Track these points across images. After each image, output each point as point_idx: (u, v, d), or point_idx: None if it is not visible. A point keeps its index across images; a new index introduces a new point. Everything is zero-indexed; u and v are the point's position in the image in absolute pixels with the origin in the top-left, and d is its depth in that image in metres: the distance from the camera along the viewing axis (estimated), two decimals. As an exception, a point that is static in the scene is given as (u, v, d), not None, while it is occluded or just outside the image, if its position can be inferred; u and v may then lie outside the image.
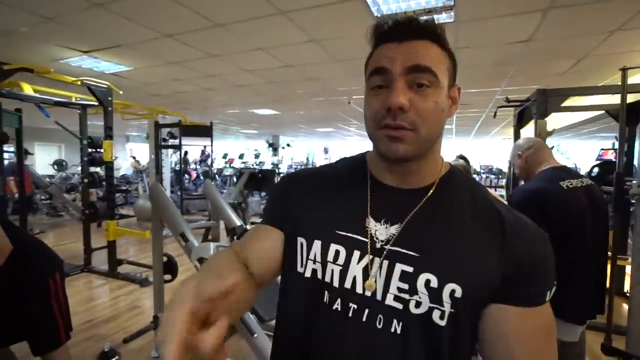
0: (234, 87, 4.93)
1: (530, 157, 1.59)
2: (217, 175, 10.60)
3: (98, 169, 4.39)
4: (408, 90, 0.50)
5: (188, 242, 2.19)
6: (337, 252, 0.56)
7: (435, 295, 0.50)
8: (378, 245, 0.55)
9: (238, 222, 2.54)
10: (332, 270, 0.56)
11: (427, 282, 0.50)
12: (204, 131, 6.35)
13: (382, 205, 0.58)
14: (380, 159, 0.58)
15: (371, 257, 0.54)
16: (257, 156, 14.72)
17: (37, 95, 3.58)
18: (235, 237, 2.24)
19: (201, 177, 9.92)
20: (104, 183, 4.02)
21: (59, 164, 6.31)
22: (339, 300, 0.55)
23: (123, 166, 9.77)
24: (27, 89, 3.45)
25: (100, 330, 2.69)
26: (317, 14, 2.50)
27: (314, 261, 0.58)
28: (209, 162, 8.35)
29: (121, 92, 4.00)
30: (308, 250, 0.59)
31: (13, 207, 5.67)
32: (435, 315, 0.50)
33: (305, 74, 4.19)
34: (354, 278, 0.54)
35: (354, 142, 15.04)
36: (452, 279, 0.50)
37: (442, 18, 2.58)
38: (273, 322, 0.94)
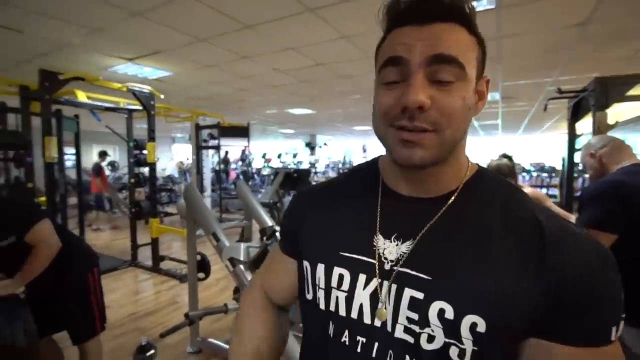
0: (267, 87, 4.99)
1: (606, 156, 1.45)
2: (255, 175, 10.87)
3: (145, 169, 4.66)
4: (429, 86, 0.41)
5: (219, 241, 2.23)
6: (340, 277, 0.50)
7: (451, 328, 0.41)
8: (387, 267, 0.47)
9: (269, 222, 2.54)
10: (337, 298, 0.49)
11: (441, 312, 0.42)
12: (242, 131, 6.53)
13: (394, 218, 0.50)
14: (393, 164, 0.49)
15: (379, 280, 0.47)
16: (294, 156, 14.91)
17: (90, 102, 3.87)
18: (264, 238, 2.25)
19: (240, 177, 10.24)
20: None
21: (112, 165, 6.85)
22: (346, 332, 0.48)
23: (168, 166, 10.37)
24: (82, 97, 3.75)
25: (142, 324, 2.84)
26: (345, 10, 2.42)
27: (319, 287, 0.51)
28: (247, 162, 8.58)
29: (162, 96, 4.21)
30: (313, 275, 0.53)
31: (110, 204, 6.38)
32: (453, 352, 0.41)
33: (338, 71, 4.11)
34: (361, 306, 0.47)
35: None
36: (473, 309, 0.40)
37: (481, 4, 2.38)
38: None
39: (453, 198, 0.48)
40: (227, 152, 9.59)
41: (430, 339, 0.42)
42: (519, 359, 0.43)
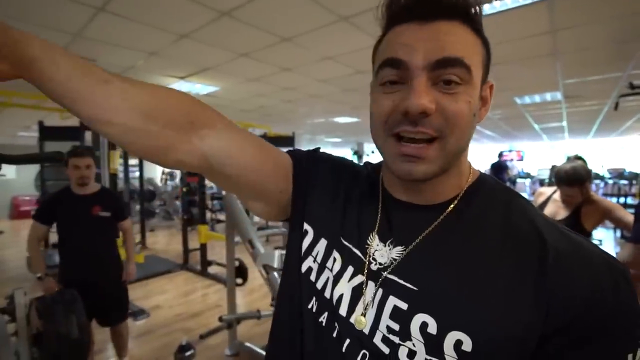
0: (311, 97, 5.08)
1: None
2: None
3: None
4: (432, 89, 0.39)
5: (255, 248, 2.30)
6: (334, 260, 0.49)
7: (433, 344, 0.38)
8: (374, 268, 0.46)
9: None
10: (328, 278, 0.49)
11: (424, 325, 0.39)
12: (287, 141, 6.68)
13: (393, 223, 0.48)
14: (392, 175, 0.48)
15: (364, 279, 0.46)
16: (342, 164, 14.88)
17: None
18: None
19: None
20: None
21: (170, 174, 7.45)
22: (325, 314, 0.47)
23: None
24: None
25: (187, 324, 3.01)
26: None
27: (315, 259, 0.51)
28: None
29: (211, 111, 4.49)
30: (312, 245, 0.52)
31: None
32: None
33: (379, 78, 4.06)
34: (341, 296, 0.46)
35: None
36: (458, 326, 0.37)
37: (529, -3, 2.20)
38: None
39: (452, 207, 0.45)
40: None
41: (411, 354, 0.39)
42: None
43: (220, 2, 2.24)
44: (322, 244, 0.51)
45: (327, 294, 0.48)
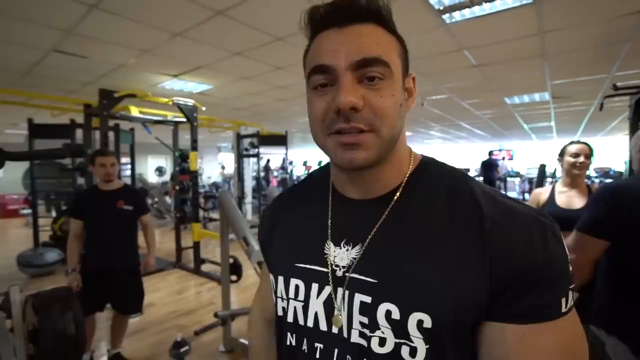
0: (304, 96, 5.02)
1: None
2: (295, 182, 11.10)
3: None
4: (358, 86, 0.42)
5: (249, 245, 2.32)
6: (297, 287, 0.52)
7: (399, 328, 0.42)
8: (339, 273, 0.48)
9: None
10: (295, 308, 0.52)
11: (388, 313, 0.42)
12: (280, 140, 6.71)
13: (343, 224, 0.51)
14: (339, 169, 0.50)
15: (331, 288, 0.48)
16: (335, 162, 14.93)
17: (142, 116, 4.25)
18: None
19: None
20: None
21: (159, 170, 7.36)
22: (304, 340, 0.50)
23: (213, 174, 10.96)
24: (134, 111, 4.12)
25: (181, 321, 3.01)
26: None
27: (282, 299, 0.54)
28: (288, 169, 8.78)
29: (203, 108, 4.49)
30: (275, 287, 0.55)
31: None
32: (405, 352, 0.42)
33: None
34: (316, 314, 0.49)
35: (437, 146, 14.17)
36: (417, 307, 0.41)
37: (518, 0, 2.26)
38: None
39: (397, 195, 0.48)
40: (268, 160, 9.91)
41: (382, 341, 0.43)
42: (476, 344, 0.42)
43: (215, 1, 2.25)
44: (281, 280, 0.54)
45: (301, 322, 0.51)
